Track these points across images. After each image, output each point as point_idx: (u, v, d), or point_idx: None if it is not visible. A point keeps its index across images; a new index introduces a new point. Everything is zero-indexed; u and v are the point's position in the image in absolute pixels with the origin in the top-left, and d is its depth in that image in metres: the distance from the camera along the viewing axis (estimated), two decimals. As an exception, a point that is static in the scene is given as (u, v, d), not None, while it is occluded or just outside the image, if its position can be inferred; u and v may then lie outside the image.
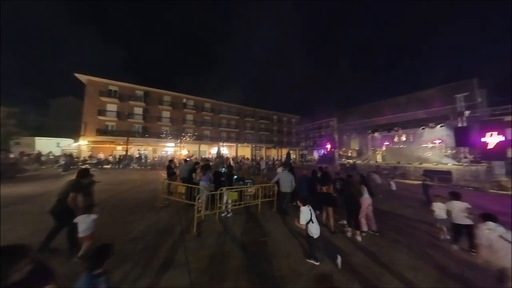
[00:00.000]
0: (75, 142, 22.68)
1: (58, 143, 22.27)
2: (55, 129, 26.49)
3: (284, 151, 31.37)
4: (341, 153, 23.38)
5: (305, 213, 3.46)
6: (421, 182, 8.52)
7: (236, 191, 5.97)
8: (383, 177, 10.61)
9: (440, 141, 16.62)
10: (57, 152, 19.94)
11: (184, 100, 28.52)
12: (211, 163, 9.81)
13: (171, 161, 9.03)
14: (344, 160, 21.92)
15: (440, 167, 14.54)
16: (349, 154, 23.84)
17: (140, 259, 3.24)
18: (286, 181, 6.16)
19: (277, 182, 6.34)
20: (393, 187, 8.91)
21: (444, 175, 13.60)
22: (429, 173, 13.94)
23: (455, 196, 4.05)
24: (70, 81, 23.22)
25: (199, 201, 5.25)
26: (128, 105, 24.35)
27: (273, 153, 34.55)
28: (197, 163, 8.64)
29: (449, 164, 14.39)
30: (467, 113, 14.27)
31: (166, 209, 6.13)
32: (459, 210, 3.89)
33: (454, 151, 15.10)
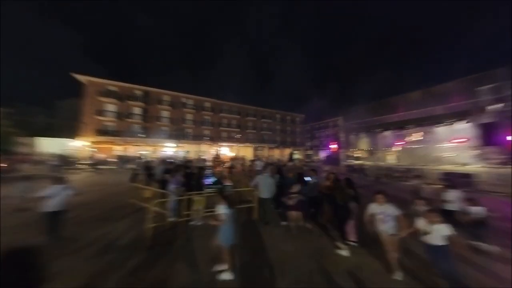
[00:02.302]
0: (77, 142, 22.79)
1: (61, 144, 22.50)
2: (61, 130, 26.99)
3: (288, 151, 30.06)
4: (349, 153, 21.75)
5: None
6: (440, 186, 7.04)
7: (204, 196, 5.02)
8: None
9: (461, 140, 14.68)
10: (58, 152, 20.02)
11: (184, 100, 28.11)
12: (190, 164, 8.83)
13: (149, 161, 8.30)
14: (351, 161, 20.31)
15: (461, 169, 12.68)
16: (357, 155, 22.13)
17: (67, 278, 2.66)
18: (264, 186, 5.22)
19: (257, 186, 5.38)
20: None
21: (466, 179, 11.78)
22: (449, 176, 12.33)
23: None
24: (71, 82, 23.22)
25: (169, 206, 4.81)
26: (127, 105, 24.23)
27: (276, 153, 33.31)
28: (171, 163, 7.75)
29: (473, 166, 12.53)
30: (493, 107, 12.41)
31: (133, 216, 5.40)
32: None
33: (478, 151, 13.17)
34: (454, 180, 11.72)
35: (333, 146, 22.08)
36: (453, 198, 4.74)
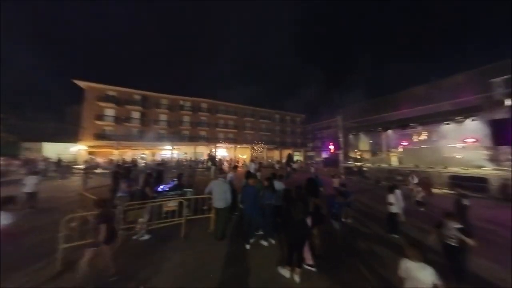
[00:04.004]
0: (77, 147, 23.21)
1: (62, 148, 23.14)
2: (64, 135, 27.75)
3: (288, 153, 29.00)
4: (348, 154, 20.51)
5: None
6: (453, 193, 5.89)
7: (142, 206, 4.40)
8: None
9: (473, 139, 13.17)
10: (54, 156, 20.50)
11: (181, 102, 28.03)
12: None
13: (119, 165, 7.84)
14: (350, 163, 19.08)
15: (472, 172, 11.28)
16: (358, 156, 20.84)
17: None
18: (218, 193, 4.54)
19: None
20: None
21: (478, 183, 10.42)
22: (458, 180, 11.04)
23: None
24: (72, 88, 23.82)
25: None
26: (125, 109, 24.50)
27: (276, 154, 32.38)
28: (127, 167, 7.17)
29: (486, 169, 11.10)
30: (508, 101, 10.96)
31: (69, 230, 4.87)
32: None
33: (492, 152, 11.68)
34: (465, 184, 10.46)
35: (332, 147, 20.92)
36: (397, 200, 4.63)
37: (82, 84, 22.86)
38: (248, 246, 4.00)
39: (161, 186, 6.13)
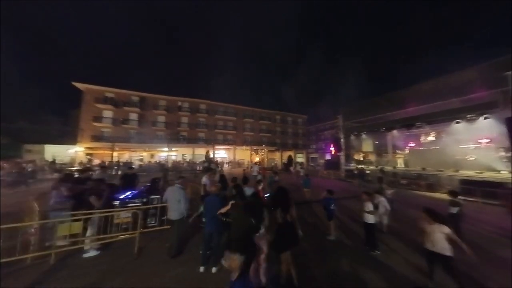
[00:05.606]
0: (75, 148, 23.41)
1: (62, 150, 23.47)
2: (64, 137, 28.25)
3: (290, 155, 28.19)
4: (350, 156, 19.45)
5: None
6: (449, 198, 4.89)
7: (78, 219, 3.76)
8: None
9: (487, 140, 11.94)
10: (49, 158, 20.72)
11: (179, 103, 27.87)
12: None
13: (86, 167, 7.38)
14: (352, 166, 18.02)
15: (486, 175, 10.12)
16: (361, 158, 19.76)
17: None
18: (172, 202, 3.92)
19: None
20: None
21: (493, 188, 9.28)
22: (469, 185, 9.97)
23: None
24: (71, 90, 24.13)
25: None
26: (123, 111, 24.54)
27: (277, 156, 31.55)
28: (87, 169, 6.44)
29: (504, 172, 9.92)
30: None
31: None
32: None
33: (509, 154, 10.44)
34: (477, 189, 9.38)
35: (332, 149, 19.96)
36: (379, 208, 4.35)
37: (81, 86, 23.10)
38: (202, 269, 3.32)
39: (128, 193, 5.57)
